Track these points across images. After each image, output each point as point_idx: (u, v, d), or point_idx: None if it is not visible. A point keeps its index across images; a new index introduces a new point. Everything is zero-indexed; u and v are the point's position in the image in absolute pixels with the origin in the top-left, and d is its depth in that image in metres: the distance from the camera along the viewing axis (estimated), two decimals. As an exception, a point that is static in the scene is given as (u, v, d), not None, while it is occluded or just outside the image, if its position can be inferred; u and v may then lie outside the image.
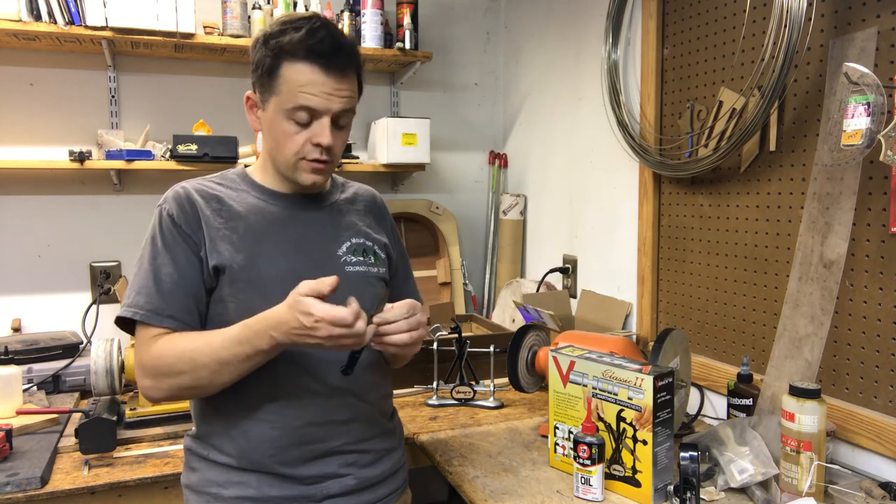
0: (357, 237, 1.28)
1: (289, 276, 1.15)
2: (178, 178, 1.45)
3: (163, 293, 1.13)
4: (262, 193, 1.23)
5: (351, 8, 2.37)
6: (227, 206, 1.19)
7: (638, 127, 1.96)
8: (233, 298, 1.14)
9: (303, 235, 1.22)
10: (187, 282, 1.14)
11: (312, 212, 1.25)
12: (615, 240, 2.14)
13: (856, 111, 1.24)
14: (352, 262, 1.24)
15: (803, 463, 1.21)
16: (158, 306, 1.12)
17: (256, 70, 1.17)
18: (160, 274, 1.13)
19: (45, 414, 1.67)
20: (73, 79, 2.27)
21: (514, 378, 1.63)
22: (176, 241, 1.15)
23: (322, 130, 1.14)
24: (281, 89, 1.13)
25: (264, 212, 1.21)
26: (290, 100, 1.12)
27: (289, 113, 1.13)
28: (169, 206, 1.17)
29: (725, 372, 1.69)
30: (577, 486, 1.30)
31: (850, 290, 1.41)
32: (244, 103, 1.23)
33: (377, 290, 1.28)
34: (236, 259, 1.15)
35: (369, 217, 1.34)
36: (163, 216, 1.17)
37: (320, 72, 1.12)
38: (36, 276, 2.27)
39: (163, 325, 1.12)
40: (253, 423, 1.15)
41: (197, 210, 1.17)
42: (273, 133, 1.17)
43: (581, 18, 2.29)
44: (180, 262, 1.14)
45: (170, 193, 1.20)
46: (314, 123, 1.14)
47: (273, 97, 1.15)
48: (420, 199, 2.75)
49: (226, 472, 1.16)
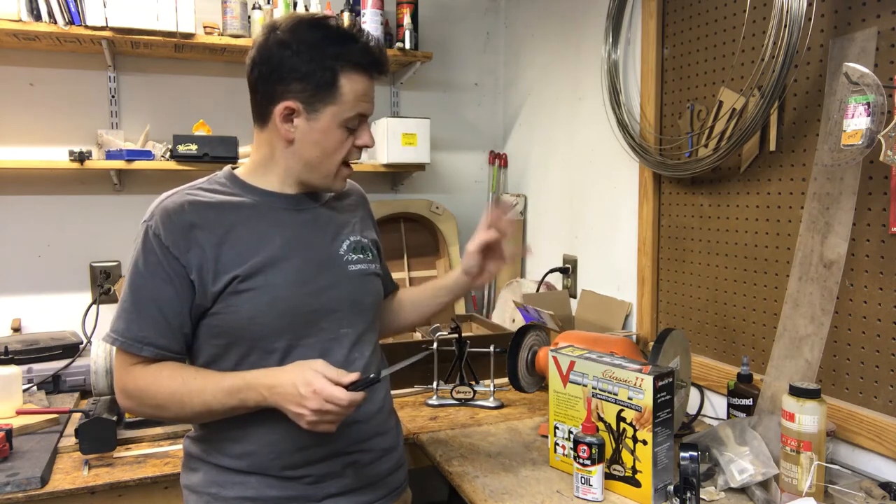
0: (354, 234, 1.28)
1: (296, 280, 1.16)
2: (179, 178, 1.45)
3: (142, 319, 1.09)
4: (256, 194, 1.19)
5: (351, 8, 2.37)
6: (224, 213, 1.15)
7: (638, 127, 1.96)
8: (238, 308, 1.11)
9: (305, 236, 1.20)
10: (169, 308, 1.10)
11: (310, 210, 1.23)
12: (615, 240, 2.14)
13: (856, 111, 1.24)
14: (353, 260, 1.24)
15: (803, 463, 1.21)
16: (137, 334, 1.09)
17: (304, 79, 1.11)
18: (141, 299, 1.10)
19: (45, 414, 1.67)
20: (73, 79, 2.27)
21: (514, 378, 1.63)
22: (160, 263, 1.09)
23: (364, 133, 1.19)
24: (342, 99, 1.13)
25: (263, 213, 1.18)
26: (352, 108, 1.14)
27: (346, 121, 1.15)
28: (156, 224, 1.10)
29: (725, 372, 1.69)
30: (577, 486, 1.30)
31: (850, 290, 1.40)
32: (277, 115, 1.13)
33: (377, 288, 1.30)
34: (242, 268, 1.12)
35: (359, 212, 1.34)
36: (149, 236, 1.10)
37: (370, 80, 1.16)
38: (36, 276, 2.27)
39: (142, 354, 1.10)
40: (254, 426, 1.14)
41: (189, 227, 1.11)
42: (324, 142, 1.15)
43: (581, 18, 2.29)
44: (163, 287, 1.09)
45: (157, 210, 1.12)
46: (358, 130, 1.19)
47: (330, 107, 1.13)
48: (420, 199, 2.74)
49: (226, 473, 1.16)
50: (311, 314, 1.16)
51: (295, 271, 1.16)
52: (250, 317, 1.11)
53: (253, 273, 1.12)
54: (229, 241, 1.13)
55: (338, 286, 1.20)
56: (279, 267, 1.14)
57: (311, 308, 1.16)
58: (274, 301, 1.12)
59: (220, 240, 1.12)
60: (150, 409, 1.13)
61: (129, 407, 1.15)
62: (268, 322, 1.12)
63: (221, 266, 1.11)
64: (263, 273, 1.13)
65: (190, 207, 1.13)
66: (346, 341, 1.20)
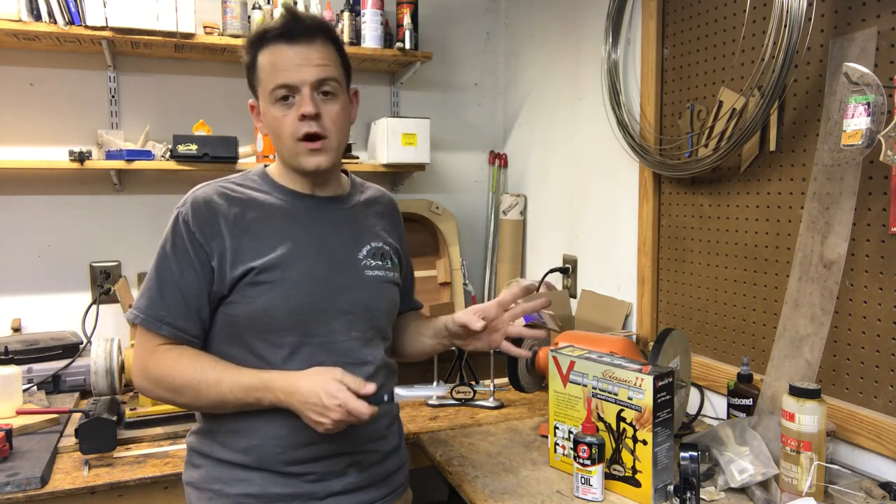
0: (376, 241, 1.29)
1: (310, 278, 1.18)
2: (179, 178, 1.45)
3: (164, 299, 1.15)
4: (284, 194, 1.23)
5: (351, 8, 2.37)
6: (250, 207, 1.19)
7: (638, 127, 1.96)
8: (253, 300, 1.14)
9: (325, 238, 1.22)
10: (190, 290, 1.15)
11: (334, 213, 1.26)
12: (615, 240, 2.14)
13: (856, 111, 1.24)
14: (371, 266, 1.25)
15: (803, 463, 1.21)
16: (158, 313, 1.14)
17: (246, 74, 1.21)
18: (165, 280, 1.15)
19: (45, 414, 1.67)
20: (73, 79, 2.27)
21: (514, 378, 1.63)
22: (186, 248, 1.15)
23: (303, 101, 1.15)
24: (261, 78, 1.17)
25: (287, 213, 1.21)
26: (270, 83, 1.15)
27: (272, 96, 1.15)
28: (186, 211, 1.17)
29: (725, 372, 1.69)
30: (577, 486, 1.30)
31: (850, 290, 1.40)
32: (250, 113, 1.25)
33: (393, 296, 1.30)
34: (259, 261, 1.15)
35: (385, 220, 1.36)
36: (178, 221, 1.17)
37: (286, 47, 1.14)
38: (36, 276, 2.27)
39: (160, 332, 1.14)
40: (261, 421, 1.15)
41: (216, 216, 1.16)
42: (270, 125, 1.19)
43: (581, 18, 2.29)
44: (186, 271, 1.15)
45: (189, 198, 1.19)
46: (297, 100, 1.16)
47: (259, 89, 1.18)
48: (420, 199, 2.74)
49: (229, 469, 1.17)
50: (323, 314, 1.18)
51: (310, 270, 1.18)
52: (264, 309, 1.14)
53: (270, 267, 1.15)
54: (251, 233, 1.17)
55: (351, 289, 1.21)
56: (295, 264, 1.17)
57: (323, 308, 1.18)
58: (287, 296, 1.15)
59: (242, 231, 1.16)
60: (166, 392, 1.15)
61: (145, 388, 1.17)
62: (279, 316, 1.15)
63: (240, 256, 1.15)
64: (280, 268, 1.15)
65: (219, 198, 1.18)
66: (357, 344, 1.21)
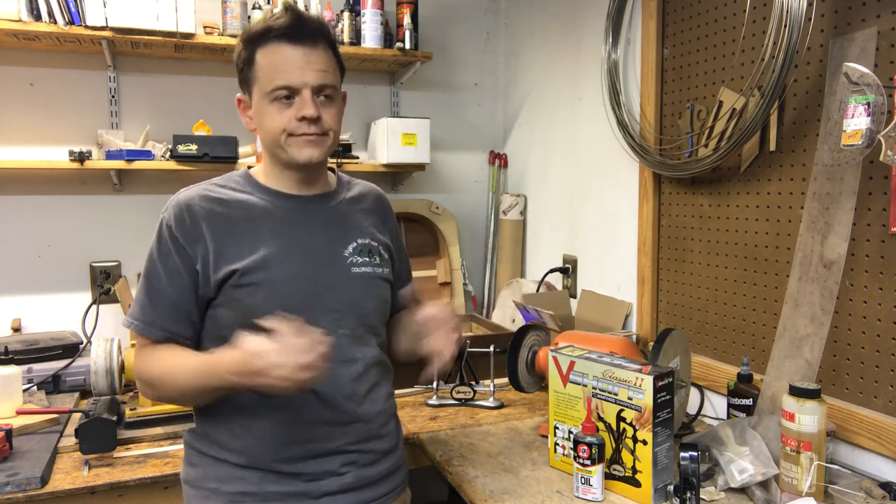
0: (363, 237, 1.28)
1: (295, 278, 1.17)
2: (179, 178, 1.45)
3: (154, 305, 1.16)
4: (267, 194, 1.23)
5: (351, 8, 2.37)
6: (232, 209, 1.19)
7: (638, 127, 1.96)
8: (240, 302, 1.14)
9: (310, 237, 1.22)
10: (179, 295, 1.16)
11: (319, 211, 1.25)
12: (615, 240, 2.14)
13: (856, 111, 1.24)
14: (357, 262, 1.24)
15: (803, 463, 1.21)
16: (151, 318, 1.16)
17: (238, 69, 1.21)
18: (154, 286, 1.17)
19: (45, 414, 1.67)
20: (73, 79, 2.27)
21: (514, 378, 1.63)
22: (170, 253, 1.16)
23: (304, 103, 1.15)
24: (258, 76, 1.16)
25: (270, 213, 1.21)
26: (269, 82, 1.15)
27: (270, 95, 1.15)
28: (169, 216, 1.18)
29: (725, 372, 1.69)
30: (577, 486, 1.30)
31: (850, 290, 1.40)
32: (237, 107, 1.25)
33: (382, 292, 1.29)
34: (242, 263, 1.15)
35: (374, 216, 1.34)
36: (162, 226, 1.18)
37: (289, 47, 1.14)
38: (36, 276, 2.27)
39: (156, 337, 1.16)
40: (256, 420, 1.16)
41: (197, 220, 1.16)
42: (262, 121, 1.19)
43: (581, 18, 2.29)
44: (173, 276, 1.16)
45: (171, 202, 1.20)
46: (297, 101, 1.15)
47: (255, 87, 1.18)
48: (420, 199, 2.74)
49: (226, 468, 1.17)
50: (309, 313, 1.16)
51: (295, 269, 1.18)
52: (250, 310, 1.12)
53: (253, 268, 1.15)
54: (233, 235, 1.17)
55: (337, 287, 1.21)
56: (279, 265, 1.17)
57: (308, 307, 1.17)
58: (271, 297, 1.14)
59: (224, 234, 1.16)
60: (147, 388, 1.18)
61: (141, 390, 1.20)
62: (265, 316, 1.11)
63: (223, 258, 1.15)
64: (264, 269, 1.15)
65: (201, 201, 1.19)
66: (345, 342, 1.20)
